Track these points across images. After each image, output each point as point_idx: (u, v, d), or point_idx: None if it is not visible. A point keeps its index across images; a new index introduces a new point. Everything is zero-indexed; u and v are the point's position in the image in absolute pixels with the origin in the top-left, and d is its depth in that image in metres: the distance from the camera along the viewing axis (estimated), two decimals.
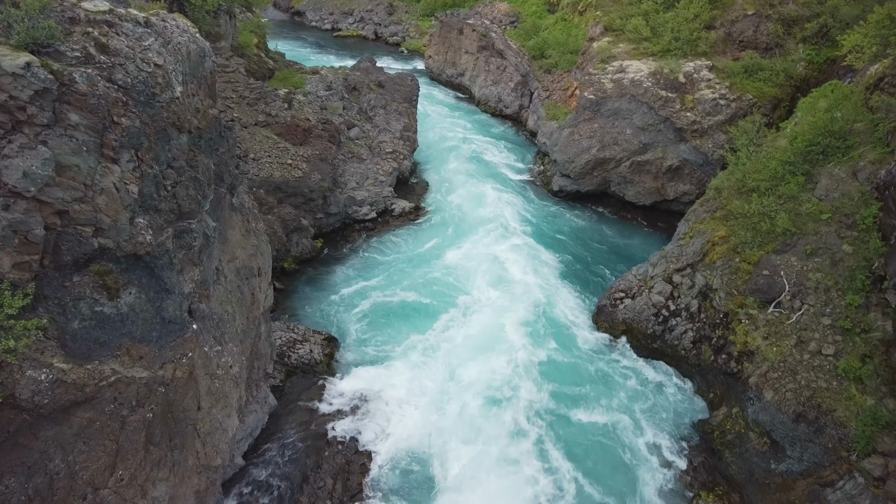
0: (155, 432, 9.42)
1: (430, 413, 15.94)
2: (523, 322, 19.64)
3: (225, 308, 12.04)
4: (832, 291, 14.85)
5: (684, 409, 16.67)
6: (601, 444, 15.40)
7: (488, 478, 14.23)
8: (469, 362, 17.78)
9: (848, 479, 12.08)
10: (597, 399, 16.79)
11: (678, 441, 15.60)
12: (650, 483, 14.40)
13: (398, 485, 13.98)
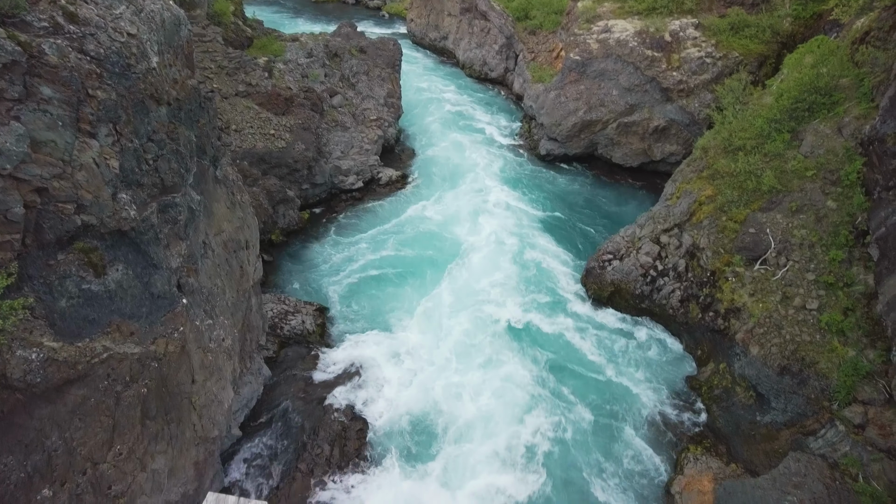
0: (150, 407, 9.47)
1: (424, 376, 16.17)
2: (512, 285, 19.81)
3: (214, 282, 11.98)
4: (816, 247, 15.06)
5: (672, 366, 17.03)
6: (591, 401, 15.74)
7: (483, 438, 14.55)
8: (460, 325, 17.98)
9: (829, 427, 12.48)
10: (586, 359, 17.09)
11: (667, 397, 15.98)
12: (639, 438, 14.80)
13: (396, 448, 14.24)
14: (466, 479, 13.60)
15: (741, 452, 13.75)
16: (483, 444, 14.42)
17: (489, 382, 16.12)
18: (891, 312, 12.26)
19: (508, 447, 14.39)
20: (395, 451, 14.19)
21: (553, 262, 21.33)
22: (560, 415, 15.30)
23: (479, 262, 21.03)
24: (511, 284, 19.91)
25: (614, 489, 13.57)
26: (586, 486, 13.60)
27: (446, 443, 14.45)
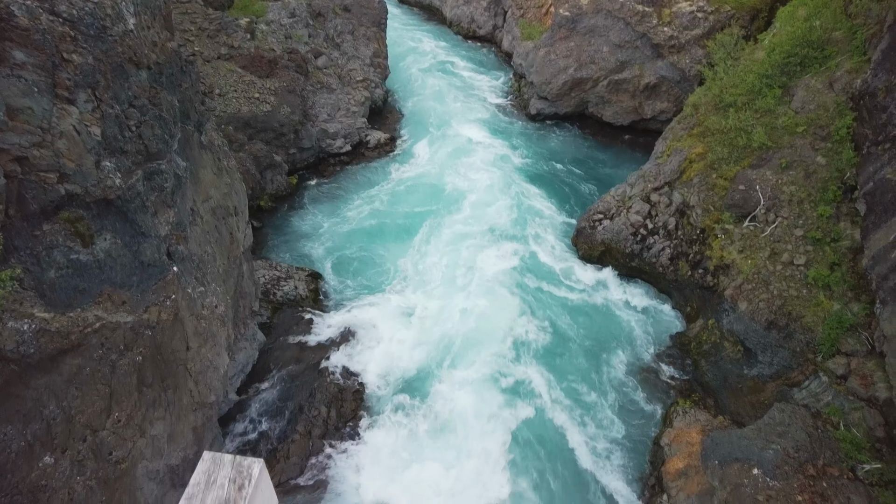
0: (146, 374, 9.53)
1: (417, 336, 16.35)
2: (502, 245, 19.87)
3: (204, 249, 11.92)
4: (805, 203, 15.15)
5: (662, 323, 17.31)
6: (580, 359, 16.04)
7: (476, 394, 14.83)
8: (451, 285, 18.11)
9: (813, 378, 12.83)
10: (575, 317, 17.33)
11: (656, 354, 16.30)
12: (629, 393, 15.16)
13: (391, 407, 14.51)
14: (460, 434, 13.93)
15: (728, 405, 14.14)
16: (476, 400, 14.71)
17: (481, 338, 16.34)
18: (875, 266, 12.45)
19: (500, 403, 14.70)
20: (391, 411, 14.46)
21: (543, 223, 21.36)
22: (551, 371, 15.59)
23: (469, 222, 21.03)
24: (502, 244, 19.97)
25: (604, 443, 13.95)
26: (577, 443, 13.97)
27: (441, 399, 14.73)
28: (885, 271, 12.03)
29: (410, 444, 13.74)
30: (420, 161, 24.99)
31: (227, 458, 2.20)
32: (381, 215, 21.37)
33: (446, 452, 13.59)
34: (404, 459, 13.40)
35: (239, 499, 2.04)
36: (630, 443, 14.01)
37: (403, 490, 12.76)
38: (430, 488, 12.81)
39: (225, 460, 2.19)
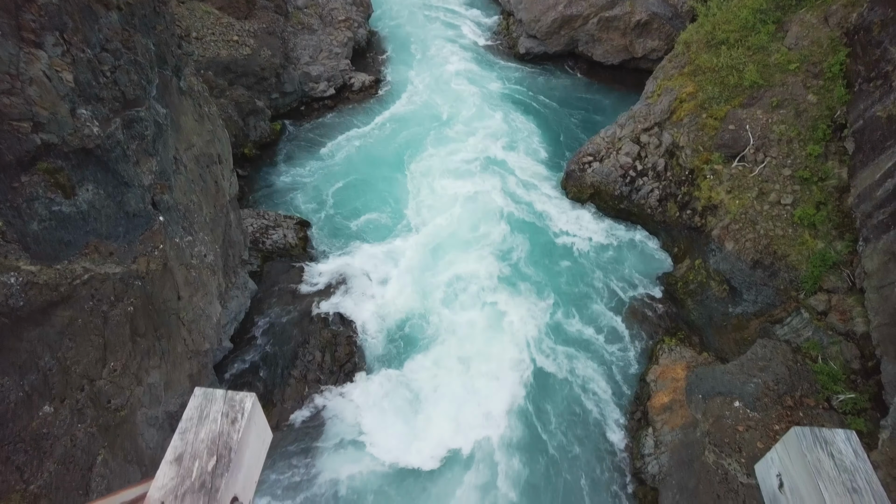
0: (139, 324, 9.58)
1: (409, 281, 16.49)
2: (491, 190, 19.76)
3: (190, 198, 11.75)
4: (794, 143, 15.11)
5: (650, 264, 17.54)
6: (569, 299, 16.31)
7: (468, 335, 15.13)
8: (441, 229, 18.12)
9: (795, 315, 13.19)
10: (564, 258, 17.50)
11: (644, 293, 16.60)
12: (616, 332, 15.52)
13: (385, 350, 14.80)
14: (454, 374, 14.29)
15: (713, 342, 14.56)
16: (468, 340, 15.02)
17: (471, 279, 16.52)
18: (861, 204, 12.58)
19: (491, 342, 15.02)
20: (384, 354, 14.75)
21: (533, 165, 21.19)
22: (540, 311, 15.87)
23: (457, 162, 20.81)
24: (489, 188, 19.85)
25: (592, 380, 14.40)
26: (566, 380, 14.40)
27: (433, 340, 15.02)
28: (870, 209, 12.17)
29: (405, 385, 14.09)
30: (406, 103, 24.43)
31: (219, 392, 2.22)
32: (368, 159, 21.06)
33: (441, 392, 13.96)
34: (401, 400, 13.77)
35: (232, 432, 2.06)
36: (617, 379, 14.46)
37: (401, 429, 13.18)
38: (427, 427, 13.24)
39: (217, 395, 2.20)
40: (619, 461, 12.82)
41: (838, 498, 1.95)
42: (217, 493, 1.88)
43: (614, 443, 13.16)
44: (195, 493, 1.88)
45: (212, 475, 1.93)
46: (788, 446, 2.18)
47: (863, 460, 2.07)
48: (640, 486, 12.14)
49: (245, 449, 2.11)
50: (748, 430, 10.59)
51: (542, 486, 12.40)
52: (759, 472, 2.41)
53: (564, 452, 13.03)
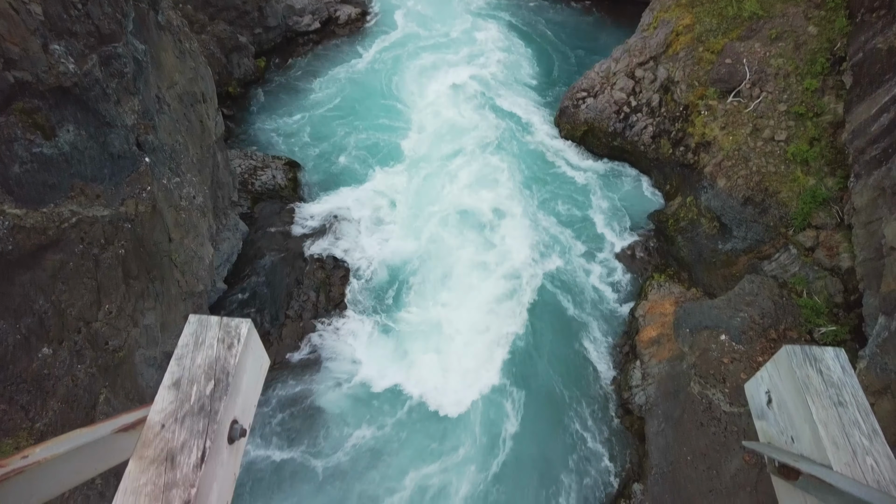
0: (131, 267, 9.57)
1: (401, 219, 16.47)
2: (482, 127, 19.44)
3: (175, 138, 11.47)
4: (791, 77, 14.82)
5: (641, 201, 17.55)
6: (560, 236, 16.40)
7: (461, 273, 15.29)
8: (433, 171, 17.94)
9: (783, 251, 13.37)
10: (556, 197, 17.46)
11: (635, 231, 16.70)
12: (606, 268, 15.72)
13: (379, 289, 14.95)
14: (449, 310, 14.52)
15: (702, 278, 14.80)
16: (461, 278, 15.19)
17: (464, 218, 16.53)
18: (854, 140, 12.50)
19: (484, 279, 15.20)
20: (378, 293, 14.91)
21: (525, 102, 20.76)
22: (532, 248, 15.97)
23: (448, 103, 20.35)
24: (480, 126, 19.50)
25: (582, 315, 14.69)
26: (557, 316, 14.69)
27: (427, 279, 15.18)
28: (863, 145, 12.11)
29: (399, 323, 14.33)
30: (395, 36, 23.55)
31: (214, 319, 2.22)
32: (357, 95, 20.51)
33: (435, 329, 14.23)
34: (395, 337, 14.05)
35: (229, 357, 2.08)
36: (606, 315, 14.77)
37: (396, 366, 13.51)
38: (421, 364, 13.57)
39: (212, 322, 2.21)
40: (607, 393, 13.28)
41: (824, 411, 2.01)
42: (216, 415, 1.92)
43: (603, 375, 13.59)
44: (195, 415, 1.92)
45: (210, 398, 1.96)
46: (779, 364, 2.24)
47: (850, 376, 2.14)
48: (627, 416, 12.65)
49: (242, 374, 2.14)
50: (733, 362, 10.96)
51: (534, 417, 12.88)
52: (749, 390, 2.49)
53: (555, 385, 13.47)
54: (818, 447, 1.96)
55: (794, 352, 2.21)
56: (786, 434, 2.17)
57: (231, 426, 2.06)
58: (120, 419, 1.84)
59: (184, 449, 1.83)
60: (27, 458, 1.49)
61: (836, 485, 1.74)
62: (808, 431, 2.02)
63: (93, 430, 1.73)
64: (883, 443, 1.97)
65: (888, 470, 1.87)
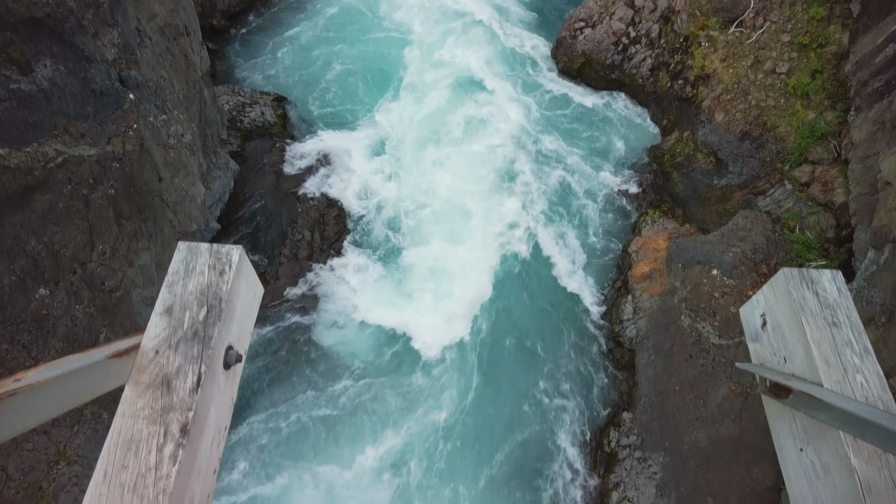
0: (122, 207, 9.46)
1: (395, 155, 16.26)
2: (478, 62, 18.84)
3: (159, 74, 11.06)
4: (797, 5, 14.29)
5: (638, 136, 17.31)
6: (555, 171, 16.27)
7: (454, 216, 15.26)
8: (426, 106, 17.54)
9: (778, 186, 13.35)
10: (553, 132, 17.19)
11: (630, 167, 16.57)
12: (600, 204, 15.70)
13: (374, 228, 14.94)
14: (445, 252, 14.60)
15: (696, 214, 14.84)
16: (456, 220, 15.18)
17: (458, 162, 16.33)
18: (858, 72, 12.22)
19: (480, 218, 15.19)
20: (373, 231, 14.91)
21: (521, 34, 20.03)
22: (524, 184, 15.89)
23: (443, 37, 19.63)
24: (476, 60, 18.89)
25: (574, 251, 14.80)
26: (551, 252, 14.79)
27: (423, 219, 15.16)
28: (867, 77, 11.85)
29: (395, 261, 14.42)
30: None
31: (204, 246, 2.20)
32: (347, 32, 19.71)
33: (431, 266, 14.34)
34: (391, 276, 14.17)
35: (221, 283, 2.07)
36: (599, 251, 14.89)
37: (392, 302, 13.70)
38: (416, 299, 13.76)
39: (202, 248, 2.19)
40: (598, 326, 13.58)
41: (818, 331, 2.05)
42: (211, 341, 1.93)
43: (594, 310, 13.85)
44: (188, 341, 1.93)
45: (204, 324, 1.97)
46: (775, 286, 2.27)
47: (845, 297, 2.17)
48: (617, 348, 12.99)
49: (236, 300, 2.14)
50: (723, 297, 11.17)
51: (525, 350, 13.22)
52: (744, 313, 2.54)
53: (548, 318, 13.74)
54: (810, 366, 2.01)
55: (791, 274, 2.22)
56: (779, 355, 2.23)
57: (226, 352, 2.07)
58: (113, 345, 1.86)
59: (179, 374, 1.86)
60: (19, 382, 1.52)
61: (826, 400, 1.79)
62: (800, 351, 2.07)
63: (86, 355, 1.76)
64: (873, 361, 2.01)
65: (877, 386, 1.93)
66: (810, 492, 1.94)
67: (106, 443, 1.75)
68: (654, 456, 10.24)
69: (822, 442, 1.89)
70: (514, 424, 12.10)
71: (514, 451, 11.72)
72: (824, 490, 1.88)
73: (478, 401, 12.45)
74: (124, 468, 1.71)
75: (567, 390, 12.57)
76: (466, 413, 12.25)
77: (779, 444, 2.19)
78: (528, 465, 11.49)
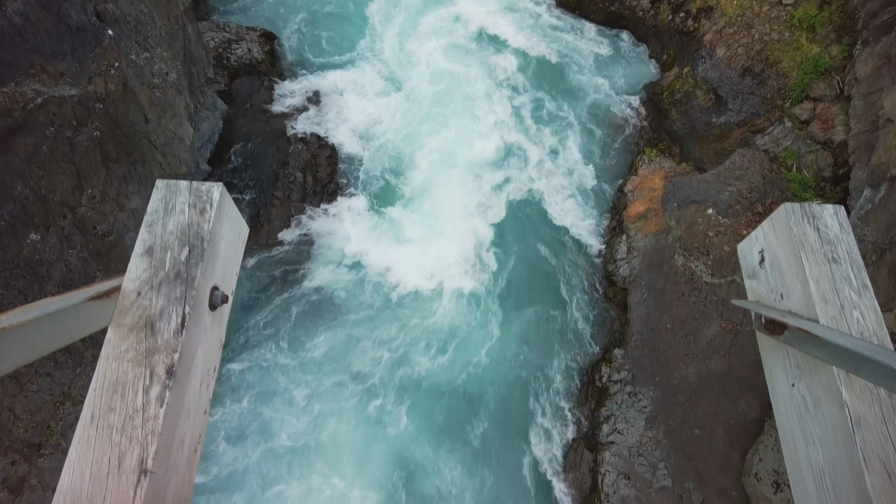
0: (109, 150, 9.24)
1: (387, 98, 15.84)
2: None
3: (138, 8, 10.55)
4: None
5: (637, 72, 16.85)
6: (551, 107, 15.94)
7: (448, 154, 15.04)
8: (421, 40, 16.93)
9: (777, 124, 13.14)
10: (549, 67, 16.71)
11: (628, 103, 16.21)
12: (596, 142, 15.48)
13: (367, 167, 14.74)
14: (439, 195, 14.48)
15: (693, 152, 14.66)
16: (451, 160, 14.97)
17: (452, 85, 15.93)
18: (867, 3, 11.78)
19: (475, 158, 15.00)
20: (366, 171, 14.71)
21: None
22: (519, 120, 15.60)
23: None
24: None
25: (569, 189, 14.70)
26: (545, 190, 14.69)
27: (417, 161, 14.95)
28: (876, 8, 11.44)
29: (390, 200, 14.31)
30: None
31: (183, 183, 2.13)
32: None
33: (427, 206, 14.25)
34: (387, 215, 14.09)
35: (202, 222, 2.02)
36: (594, 190, 14.79)
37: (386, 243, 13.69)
38: (409, 238, 13.76)
39: (181, 186, 2.12)
40: (592, 265, 13.69)
41: (817, 267, 2.04)
42: (194, 281, 1.90)
43: (588, 250, 13.91)
44: (171, 282, 1.90)
45: (186, 265, 1.93)
46: (776, 222, 2.24)
47: (847, 233, 2.14)
48: (611, 287, 13.15)
49: (219, 240, 2.11)
50: (717, 236, 11.21)
51: (521, 289, 13.36)
52: (742, 250, 2.52)
53: (542, 258, 13.82)
54: (807, 303, 2.01)
55: (792, 209, 2.18)
56: (775, 291, 2.22)
57: (211, 293, 2.04)
58: (92, 288, 1.83)
59: (163, 315, 1.84)
60: None
61: (822, 336, 1.80)
62: (798, 288, 2.06)
63: (63, 298, 1.73)
64: (871, 297, 2.01)
65: (873, 322, 1.93)
66: (800, 426, 1.98)
67: (91, 385, 1.75)
68: (645, 390, 10.57)
69: (814, 377, 1.92)
70: (506, 361, 12.38)
71: (505, 387, 12.05)
72: (814, 424, 1.92)
73: (470, 336, 12.67)
74: (111, 410, 1.72)
75: (558, 329, 12.80)
76: (459, 348, 12.49)
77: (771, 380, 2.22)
78: (520, 401, 11.85)
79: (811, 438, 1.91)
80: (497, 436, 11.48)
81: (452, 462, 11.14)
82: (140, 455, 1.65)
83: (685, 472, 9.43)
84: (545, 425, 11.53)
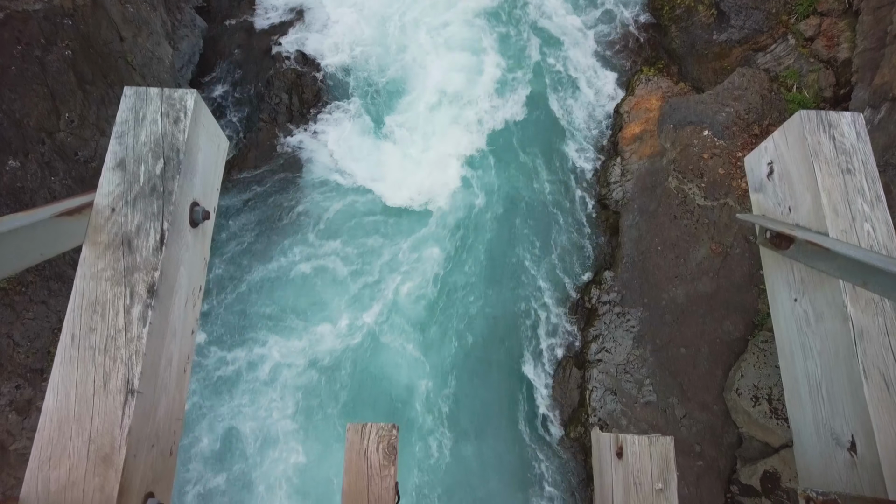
0: (84, 71, 8.80)
1: (373, 13, 15.04)
2: None
3: None
4: None
5: None
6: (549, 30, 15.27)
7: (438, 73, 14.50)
8: None
9: (780, 41, 12.66)
10: None
11: (625, 19, 15.50)
12: (592, 59, 14.95)
13: (353, 89, 14.24)
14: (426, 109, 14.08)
15: (692, 71, 14.19)
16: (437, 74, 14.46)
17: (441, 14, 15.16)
18: None
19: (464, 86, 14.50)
20: (353, 92, 14.22)
21: None
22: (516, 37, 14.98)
23: None
24: None
25: (563, 109, 14.34)
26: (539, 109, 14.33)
27: (403, 76, 14.43)
28: None
29: (378, 122, 13.94)
30: None
31: (154, 90, 1.98)
32: None
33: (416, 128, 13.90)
34: (374, 138, 13.76)
35: (177, 132, 1.90)
36: (589, 111, 14.43)
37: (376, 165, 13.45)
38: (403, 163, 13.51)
39: (151, 94, 1.97)
40: (585, 188, 13.58)
41: (830, 179, 1.97)
42: (171, 196, 1.81)
43: (580, 173, 13.76)
44: (147, 197, 1.81)
45: (162, 178, 1.83)
46: (789, 131, 2.15)
47: (864, 142, 2.06)
48: (603, 211, 13.13)
49: (196, 151, 1.99)
50: (712, 158, 11.08)
51: (511, 209, 13.31)
52: (749, 162, 2.44)
53: (534, 179, 13.67)
54: (817, 215, 1.96)
55: (808, 117, 2.09)
56: (783, 205, 2.17)
57: (191, 209, 1.95)
58: (62, 204, 1.74)
59: (140, 232, 1.77)
60: None
61: (832, 248, 1.76)
62: (808, 200, 2.00)
63: (30, 214, 1.64)
64: (884, 210, 1.96)
65: (883, 235, 1.89)
66: (799, 339, 1.99)
67: (69, 305, 1.70)
68: (633, 311, 10.82)
69: (818, 292, 1.90)
70: (495, 281, 12.52)
71: (495, 307, 12.28)
72: (814, 338, 1.92)
73: (461, 256, 12.75)
74: (92, 331, 1.68)
75: (548, 250, 12.88)
76: (449, 269, 12.59)
77: (773, 295, 2.20)
78: (510, 322, 12.12)
79: (810, 352, 1.92)
80: (486, 356, 11.82)
81: (442, 374, 11.52)
82: (126, 375, 1.62)
83: (670, 388, 9.85)
84: (534, 345, 11.87)
